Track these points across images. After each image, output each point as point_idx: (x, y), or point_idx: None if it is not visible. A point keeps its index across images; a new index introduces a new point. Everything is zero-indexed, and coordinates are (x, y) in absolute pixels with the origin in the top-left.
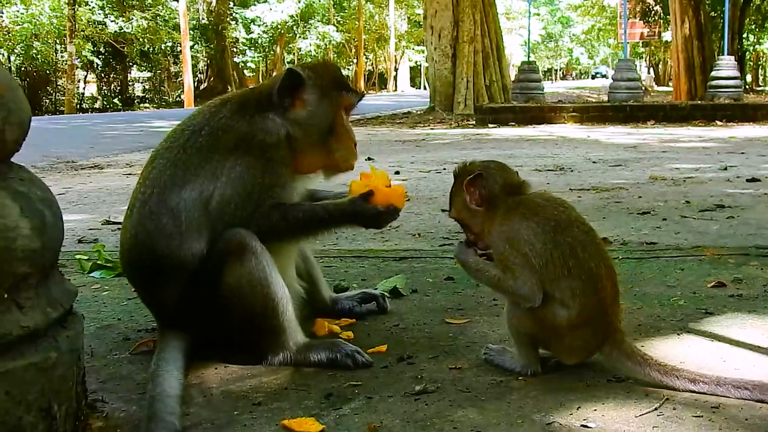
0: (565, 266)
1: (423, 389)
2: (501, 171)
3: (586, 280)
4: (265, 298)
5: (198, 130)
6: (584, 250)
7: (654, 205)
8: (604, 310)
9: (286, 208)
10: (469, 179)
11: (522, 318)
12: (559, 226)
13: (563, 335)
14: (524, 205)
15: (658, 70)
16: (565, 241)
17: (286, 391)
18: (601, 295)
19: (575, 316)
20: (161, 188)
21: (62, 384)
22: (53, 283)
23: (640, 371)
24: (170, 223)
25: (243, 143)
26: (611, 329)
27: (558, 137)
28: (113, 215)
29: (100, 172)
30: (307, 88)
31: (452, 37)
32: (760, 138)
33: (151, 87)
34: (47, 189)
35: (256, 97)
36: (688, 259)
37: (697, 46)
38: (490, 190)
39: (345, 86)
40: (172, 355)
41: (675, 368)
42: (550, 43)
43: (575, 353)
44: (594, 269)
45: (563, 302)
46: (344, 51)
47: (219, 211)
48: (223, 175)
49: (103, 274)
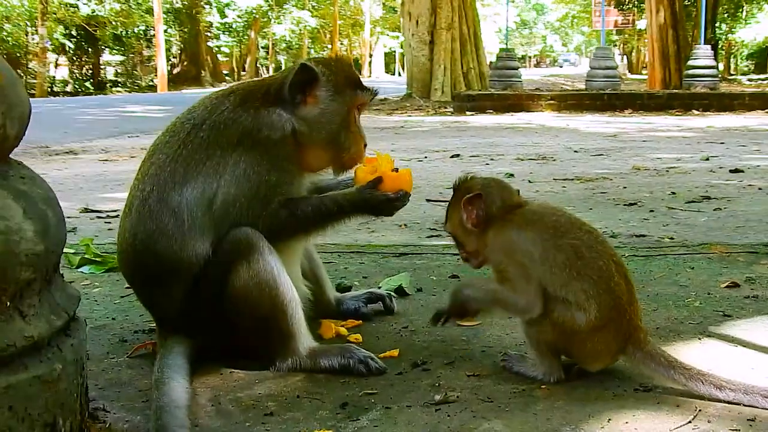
0: (573, 268)
1: (443, 399)
2: (500, 191)
3: (597, 279)
4: (273, 300)
5: (199, 124)
6: (590, 249)
7: (640, 196)
8: (622, 308)
9: (294, 205)
10: (468, 198)
11: (540, 327)
12: (559, 231)
13: (585, 340)
14: (520, 216)
15: (631, 58)
16: (567, 244)
17: (299, 399)
18: (616, 292)
19: (594, 318)
20: (161, 186)
21: (67, 397)
22: (56, 288)
23: (665, 374)
24: (172, 223)
25: (247, 138)
26: (632, 327)
27: (537, 125)
28: (91, 203)
29: (75, 157)
30: (321, 84)
31: (430, 24)
32: (738, 127)
33: (123, 71)
34: (49, 187)
35: (262, 89)
36: (697, 257)
37: (672, 34)
38: (487, 211)
39: (359, 84)
40: (176, 361)
41: (701, 372)
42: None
43: (599, 358)
44: (603, 267)
45: (579, 305)
46: (319, 36)
47: (223, 211)
48: (226, 173)
49: (92, 269)
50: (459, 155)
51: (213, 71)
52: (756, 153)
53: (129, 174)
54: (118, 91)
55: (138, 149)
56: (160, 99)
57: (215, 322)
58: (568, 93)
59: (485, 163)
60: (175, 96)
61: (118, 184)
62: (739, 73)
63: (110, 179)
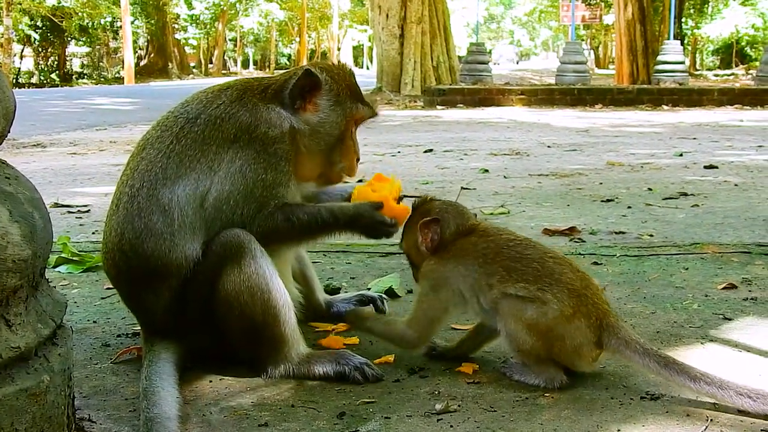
0: (516, 272)
1: (445, 408)
2: (456, 217)
3: (542, 274)
4: (265, 305)
5: (194, 118)
6: (523, 255)
7: (616, 192)
8: (580, 293)
9: (290, 210)
10: (425, 222)
11: (520, 335)
12: (488, 257)
13: (562, 335)
14: (458, 247)
15: (598, 53)
16: (500, 261)
17: (293, 409)
18: (564, 280)
19: (557, 307)
20: (152, 182)
21: (54, 410)
22: (42, 294)
23: (640, 361)
24: (161, 222)
25: (244, 134)
26: (600, 312)
27: (509, 120)
28: (61, 197)
29: (43, 150)
30: (323, 92)
31: (400, 17)
32: (708, 123)
33: (89, 62)
34: (33, 186)
35: (260, 87)
36: (690, 258)
37: (640, 29)
38: (441, 235)
39: (361, 99)
40: (164, 369)
41: (676, 362)
42: (492, 25)
43: (582, 352)
44: (541, 262)
45: (541, 300)
46: (287, 29)
47: (216, 210)
48: (221, 170)
49: (70, 269)
50: (432, 150)
51: (180, 63)
52: (729, 149)
53: (98, 167)
54: (85, 83)
55: (107, 142)
56: (127, 91)
57: (204, 327)
58: (539, 87)
59: (459, 158)
60: (142, 88)
61: (88, 178)
62: (705, 69)
63: (80, 173)
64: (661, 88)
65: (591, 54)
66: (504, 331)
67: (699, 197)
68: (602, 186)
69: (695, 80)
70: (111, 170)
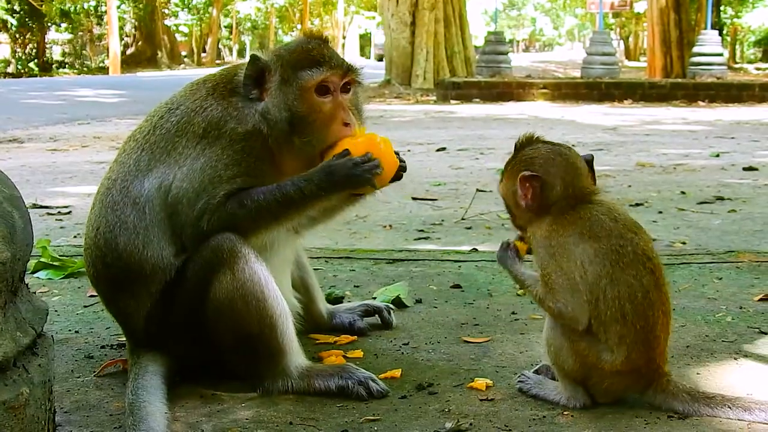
0: (619, 311)
1: (456, 427)
2: (565, 173)
3: (639, 330)
4: (260, 314)
5: (174, 108)
6: (645, 296)
7: (647, 196)
8: (651, 359)
9: (243, 195)
10: (524, 177)
11: (564, 353)
12: (621, 261)
13: (603, 378)
14: (586, 221)
15: (628, 43)
16: (624, 281)
17: (292, 426)
18: (653, 345)
19: (620, 363)
20: (125, 175)
21: (34, 425)
22: (22, 300)
23: (689, 410)
24: (133, 216)
25: (213, 130)
26: (656, 375)
27: (530, 116)
28: (40, 198)
29: (20, 146)
30: (271, 75)
31: (411, 3)
32: (749, 121)
33: (71, 50)
34: (13, 184)
35: (230, 79)
36: (724, 267)
37: (674, 18)
38: (546, 197)
39: (309, 64)
40: (151, 383)
41: (725, 398)
42: (512, 12)
43: (613, 397)
44: (650, 319)
45: (609, 347)
46: (287, 15)
47: (173, 209)
48: (185, 165)
49: (50, 274)
50: (445, 148)
51: (170, 52)
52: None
53: (81, 165)
54: (66, 72)
55: (90, 137)
56: (113, 82)
57: (194, 338)
58: (563, 81)
59: (475, 157)
60: (129, 79)
61: (70, 177)
62: (745, 61)
63: (60, 171)
64: (696, 82)
65: (620, 45)
66: (549, 339)
67: (736, 202)
68: (631, 189)
69: (734, 74)
70: (94, 168)
